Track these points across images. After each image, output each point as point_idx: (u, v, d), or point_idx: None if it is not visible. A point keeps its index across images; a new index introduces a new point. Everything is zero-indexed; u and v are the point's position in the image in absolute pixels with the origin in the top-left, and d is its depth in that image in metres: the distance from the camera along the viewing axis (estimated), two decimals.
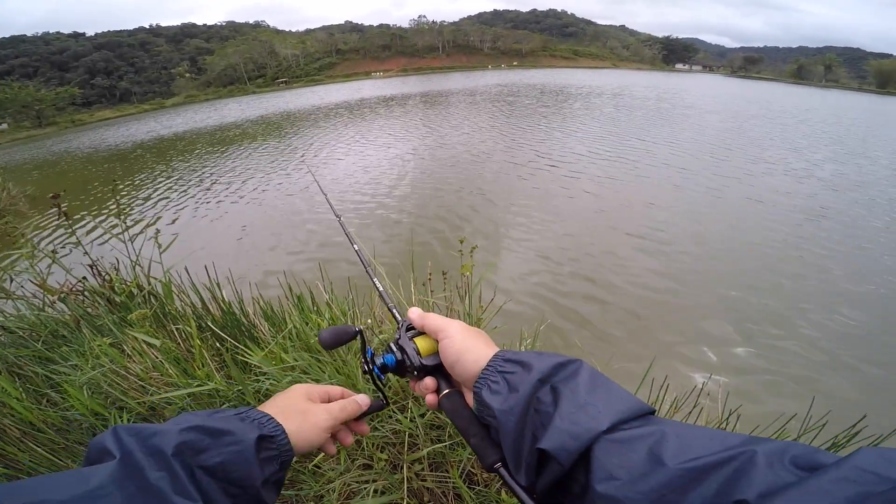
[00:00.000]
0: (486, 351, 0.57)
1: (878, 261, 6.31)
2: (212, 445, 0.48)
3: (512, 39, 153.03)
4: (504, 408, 0.50)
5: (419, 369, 0.63)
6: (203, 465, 0.46)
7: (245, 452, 0.49)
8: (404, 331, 0.67)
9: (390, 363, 0.65)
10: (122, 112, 79.57)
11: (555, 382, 0.48)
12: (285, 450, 0.54)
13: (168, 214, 9.94)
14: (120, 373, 1.61)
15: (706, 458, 0.35)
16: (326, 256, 6.67)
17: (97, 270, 1.90)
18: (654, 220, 7.72)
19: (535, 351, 0.54)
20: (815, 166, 11.72)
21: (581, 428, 0.42)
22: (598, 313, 4.99)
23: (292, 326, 1.72)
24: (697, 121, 20.14)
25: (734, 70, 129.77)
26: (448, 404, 0.60)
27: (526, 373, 0.50)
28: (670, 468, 0.36)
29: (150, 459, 0.43)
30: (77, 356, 1.71)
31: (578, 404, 0.45)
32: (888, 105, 39.54)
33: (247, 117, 33.26)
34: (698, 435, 0.39)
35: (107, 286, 1.85)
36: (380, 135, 18.44)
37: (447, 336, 0.60)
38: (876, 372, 4.08)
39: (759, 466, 0.32)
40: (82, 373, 1.53)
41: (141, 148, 22.93)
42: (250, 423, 0.53)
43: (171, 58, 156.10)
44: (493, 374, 0.53)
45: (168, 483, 0.42)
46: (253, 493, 0.49)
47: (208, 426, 0.49)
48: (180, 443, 0.46)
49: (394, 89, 51.84)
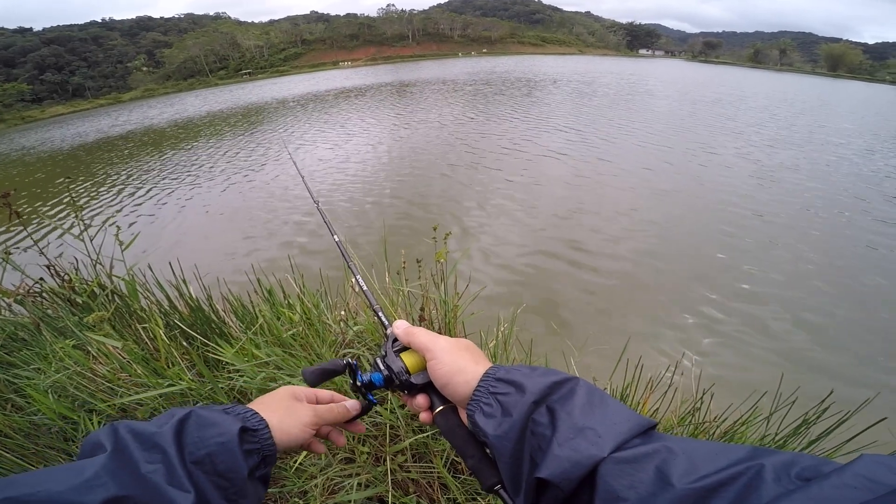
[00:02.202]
0: (477, 369, 0.55)
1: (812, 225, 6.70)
2: (199, 438, 0.49)
3: (481, 27, 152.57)
4: (499, 433, 0.48)
5: (408, 388, 0.60)
6: (192, 457, 0.47)
7: (229, 444, 0.49)
8: (391, 346, 0.64)
9: (377, 382, 0.62)
10: (76, 108, 76.12)
11: (550, 403, 0.47)
12: (267, 444, 0.54)
13: (128, 210, 9.62)
14: (86, 375, 1.56)
15: (714, 477, 0.35)
16: (299, 249, 6.57)
17: (55, 270, 1.83)
18: (627, 203, 7.92)
19: (527, 367, 0.53)
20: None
21: (582, 455, 0.41)
22: (573, 296, 5.10)
23: (262, 321, 1.70)
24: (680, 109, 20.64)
25: (695, 55, 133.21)
26: (443, 422, 0.57)
27: (520, 395, 0.49)
28: (679, 489, 0.35)
29: (145, 453, 0.45)
30: (39, 359, 1.65)
31: (577, 428, 0.43)
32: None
33: (198, 113, 31.98)
34: (704, 451, 0.38)
35: (66, 286, 1.79)
36: (346, 124, 18.19)
37: (434, 357, 0.58)
38: (841, 344, 4.27)
39: (766, 482, 0.32)
40: (46, 376, 1.49)
41: (100, 144, 21.84)
42: (234, 416, 0.54)
43: (127, 51, 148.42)
44: (486, 395, 0.51)
45: (163, 475, 0.43)
46: (240, 486, 0.49)
47: (196, 420, 0.50)
48: (174, 435, 0.47)
49: (361, 79, 50.75)
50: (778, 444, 1.51)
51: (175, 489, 0.43)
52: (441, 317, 1.95)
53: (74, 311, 1.76)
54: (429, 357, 0.58)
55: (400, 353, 0.63)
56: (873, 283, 5.37)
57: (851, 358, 4.10)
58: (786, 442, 1.52)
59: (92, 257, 1.83)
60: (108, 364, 1.61)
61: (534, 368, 0.52)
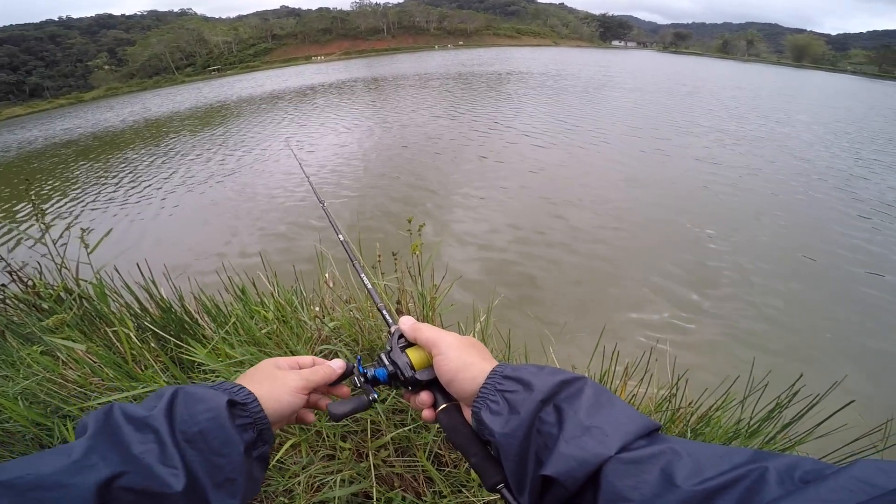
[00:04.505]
0: (484, 366, 0.54)
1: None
2: (189, 415, 0.48)
3: (457, 19, 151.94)
4: (506, 431, 0.48)
5: (413, 384, 0.60)
6: (185, 435, 0.46)
7: (219, 419, 0.48)
8: (396, 341, 0.64)
9: (381, 377, 0.61)
10: (35, 108, 73.03)
11: (558, 401, 0.47)
12: (259, 417, 0.53)
13: (93, 214, 9.36)
14: (56, 381, 1.54)
15: (719, 479, 0.35)
16: (275, 246, 6.54)
17: (18, 276, 1.78)
18: (601, 190, 8.08)
19: (534, 365, 0.52)
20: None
21: (588, 453, 0.41)
22: (548, 284, 5.20)
23: (235, 320, 1.70)
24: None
25: (666, 46, 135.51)
26: (446, 420, 0.57)
27: (527, 393, 0.49)
28: (684, 490, 0.35)
29: (138, 433, 0.44)
30: (7, 366, 1.61)
31: (584, 426, 0.43)
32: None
33: (161, 112, 30.98)
34: (709, 454, 0.39)
35: (31, 292, 1.75)
36: (320, 119, 17.98)
37: (440, 353, 0.57)
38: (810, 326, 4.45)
39: (770, 484, 0.33)
40: (14, 383, 1.46)
41: (61, 147, 20.94)
42: (221, 391, 0.52)
43: (87, 50, 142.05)
44: (493, 392, 0.51)
45: (155, 455, 0.43)
46: (237, 462, 0.48)
47: (184, 397, 0.50)
48: (165, 414, 0.47)
49: (330, 76, 49.71)
50: (752, 429, 1.54)
51: (167, 468, 0.43)
52: (419, 310, 1.94)
53: (41, 316, 1.73)
54: (435, 352, 0.58)
55: (405, 349, 0.62)
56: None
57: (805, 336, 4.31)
58: (760, 426, 1.54)
59: (56, 262, 1.79)
60: (79, 369, 1.59)
61: (541, 367, 0.52)
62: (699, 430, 1.60)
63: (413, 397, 0.61)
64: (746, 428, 1.55)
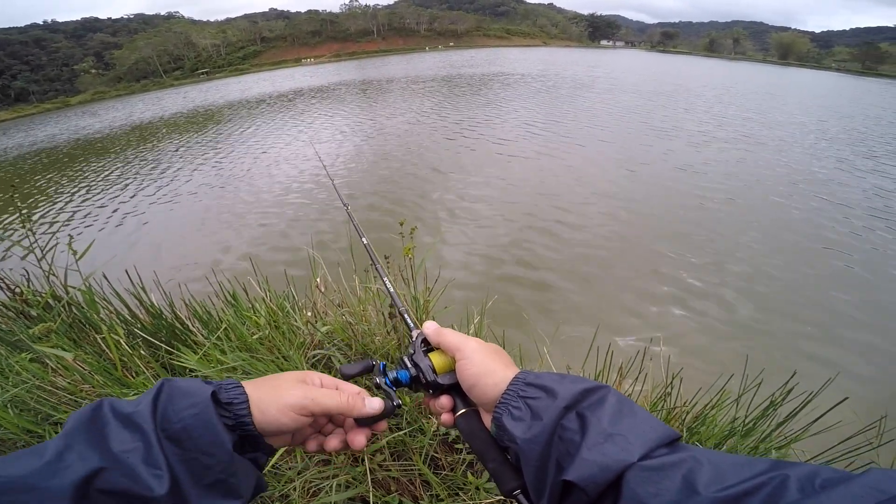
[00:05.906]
0: (506, 373, 0.55)
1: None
2: (173, 411, 0.45)
3: (448, 20, 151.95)
4: (528, 436, 0.48)
5: (434, 387, 0.60)
6: (167, 433, 0.43)
7: (203, 415, 0.45)
8: (419, 345, 0.64)
9: (404, 379, 0.62)
10: (20, 112, 71.87)
11: (581, 409, 0.47)
12: (241, 420, 0.48)
13: (77, 223, 9.25)
14: (46, 388, 1.53)
15: (741, 486, 0.35)
16: (266, 251, 6.51)
17: (5, 283, 1.76)
18: (593, 188, 8.16)
19: (557, 374, 0.53)
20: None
21: (611, 459, 0.42)
22: (542, 285, 5.24)
23: (226, 326, 1.69)
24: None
25: (654, 45, 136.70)
26: (465, 425, 0.57)
27: (551, 399, 0.49)
28: (705, 497, 0.36)
29: (125, 431, 0.42)
30: None
31: (606, 433, 0.44)
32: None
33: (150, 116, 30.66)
34: (730, 462, 0.39)
35: (18, 299, 1.73)
36: (310, 121, 17.92)
37: (464, 357, 0.57)
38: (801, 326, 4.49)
39: (791, 491, 0.33)
40: (3, 391, 1.45)
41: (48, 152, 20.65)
42: (209, 386, 0.49)
43: (73, 54, 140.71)
44: (515, 399, 0.51)
45: (140, 455, 0.41)
46: (226, 462, 0.45)
47: (169, 391, 0.46)
48: (151, 411, 0.44)
49: (319, 79, 49.51)
50: (748, 428, 1.54)
51: (150, 468, 0.41)
52: (413, 312, 1.94)
53: (29, 324, 1.71)
54: (459, 357, 0.58)
55: (427, 353, 0.63)
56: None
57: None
58: (755, 424, 1.55)
59: (44, 268, 1.78)
60: (69, 376, 1.57)
61: (564, 375, 0.52)
62: (695, 428, 1.61)
63: (433, 401, 0.61)
64: (742, 426, 1.55)
